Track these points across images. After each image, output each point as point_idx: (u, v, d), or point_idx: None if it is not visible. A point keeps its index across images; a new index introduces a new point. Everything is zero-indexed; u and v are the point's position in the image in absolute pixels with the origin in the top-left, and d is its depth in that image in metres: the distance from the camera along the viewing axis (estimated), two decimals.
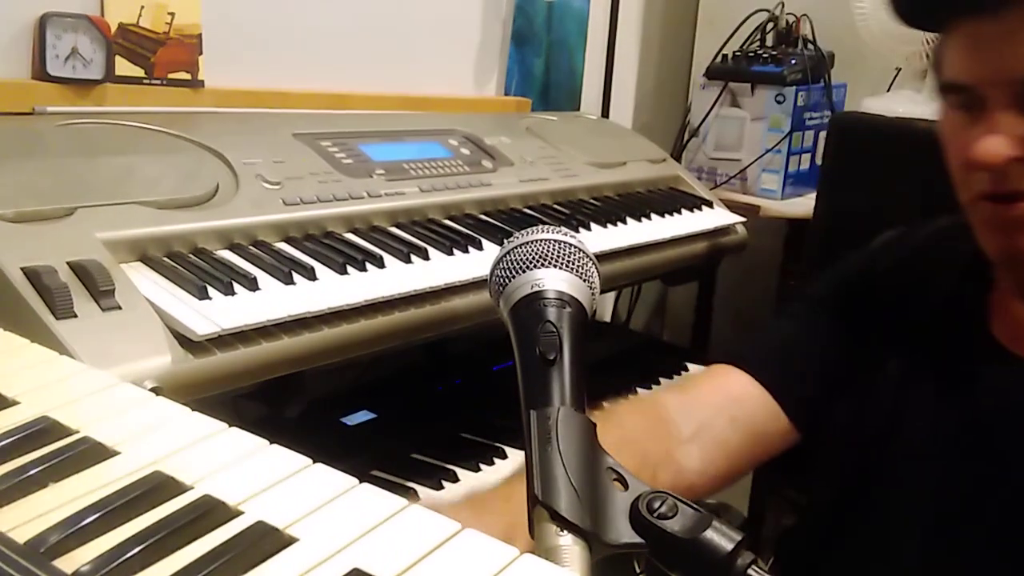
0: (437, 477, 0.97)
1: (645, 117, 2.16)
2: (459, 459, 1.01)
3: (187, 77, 1.22)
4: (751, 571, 0.49)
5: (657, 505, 0.50)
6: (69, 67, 1.09)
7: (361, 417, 1.12)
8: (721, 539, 0.49)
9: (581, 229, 1.22)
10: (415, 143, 1.24)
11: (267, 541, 0.38)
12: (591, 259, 0.68)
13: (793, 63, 1.81)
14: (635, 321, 2.15)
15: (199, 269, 0.83)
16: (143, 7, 1.17)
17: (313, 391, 0.88)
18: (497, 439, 1.06)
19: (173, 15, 1.19)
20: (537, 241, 0.67)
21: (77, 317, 0.71)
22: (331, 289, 0.87)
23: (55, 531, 0.37)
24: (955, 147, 0.78)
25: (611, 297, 2.05)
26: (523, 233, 0.68)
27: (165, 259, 0.84)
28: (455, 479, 0.98)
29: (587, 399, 0.58)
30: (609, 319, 2.08)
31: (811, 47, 1.86)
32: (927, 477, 0.84)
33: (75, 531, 0.37)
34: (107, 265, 0.76)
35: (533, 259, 0.66)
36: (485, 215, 1.18)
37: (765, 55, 1.84)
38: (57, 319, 0.70)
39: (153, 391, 0.51)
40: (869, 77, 1.82)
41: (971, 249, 0.82)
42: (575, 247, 0.67)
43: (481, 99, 1.75)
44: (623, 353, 1.48)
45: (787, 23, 1.90)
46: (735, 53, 1.88)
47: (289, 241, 0.96)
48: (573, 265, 0.66)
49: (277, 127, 1.14)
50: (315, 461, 0.44)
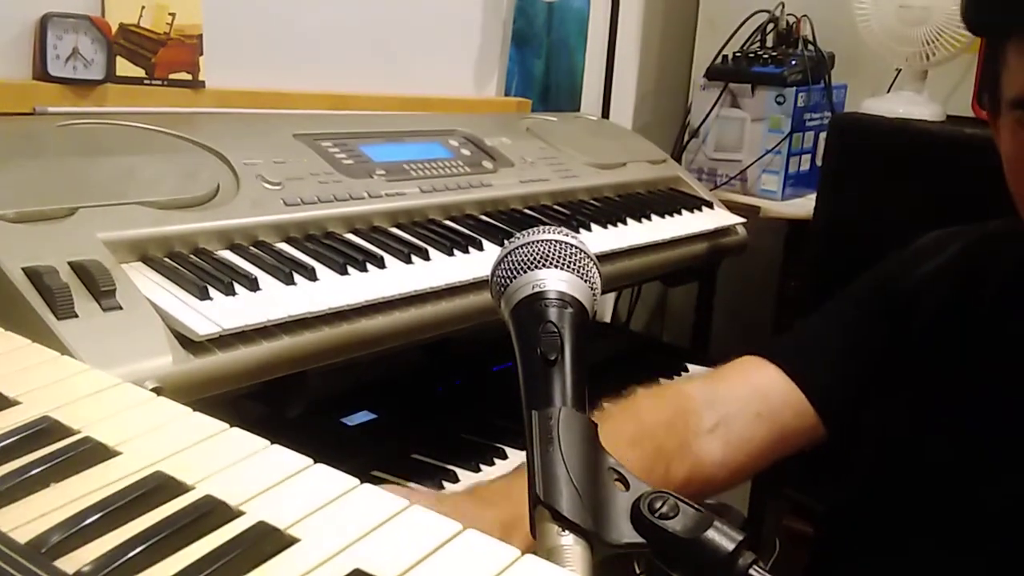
0: (437, 477, 0.97)
1: (645, 118, 2.16)
2: (459, 459, 1.01)
3: (188, 77, 1.22)
4: (752, 571, 0.49)
5: (658, 505, 0.50)
6: (70, 67, 1.10)
7: (361, 417, 1.12)
8: (722, 539, 0.49)
9: (581, 230, 1.22)
10: (415, 144, 1.24)
11: (268, 541, 0.38)
12: (592, 259, 0.68)
13: (793, 64, 1.81)
14: (635, 322, 2.15)
15: (200, 269, 0.83)
16: (144, 7, 1.17)
17: (314, 391, 0.88)
18: (497, 439, 1.06)
19: (174, 15, 1.19)
20: (538, 242, 0.67)
21: (78, 317, 0.71)
22: (332, 289, 0.87)
23: (57, 531, 0.37)
24: None
25: (611, 298, 2.05)
26: (524, 234, 0.68)
27: (166, 259, 0.84)
28: (455, 479, 0.98)
29: (588, 399, 0.58)
30: (609, 320, 2.08)
31: (811, 48, 1.86)
32: (993, 486, 0.82)
33: (77, 531, 0.37)
34: (108, 265, 0.76)
35: (534, 260, 0.66)
36: (486, 216, 1.18)
37: (765, 56, 1.84)
38: (58, 319, 0.70)
39: (154, 391, 0.51)
40: (869, 78, 1.82)
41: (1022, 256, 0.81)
42: (576, 247, 0.67)
43: (481, 100, 1.75)
44: (623, 354, 1.48)
45: (787, 24, 1.90)
46: (735, 54, 1.89)
47: (290, 241, 0.96)
48: (574, 266, 0.66)
49: (278, 128, 1.14)
50: (316, 461, 0.44)
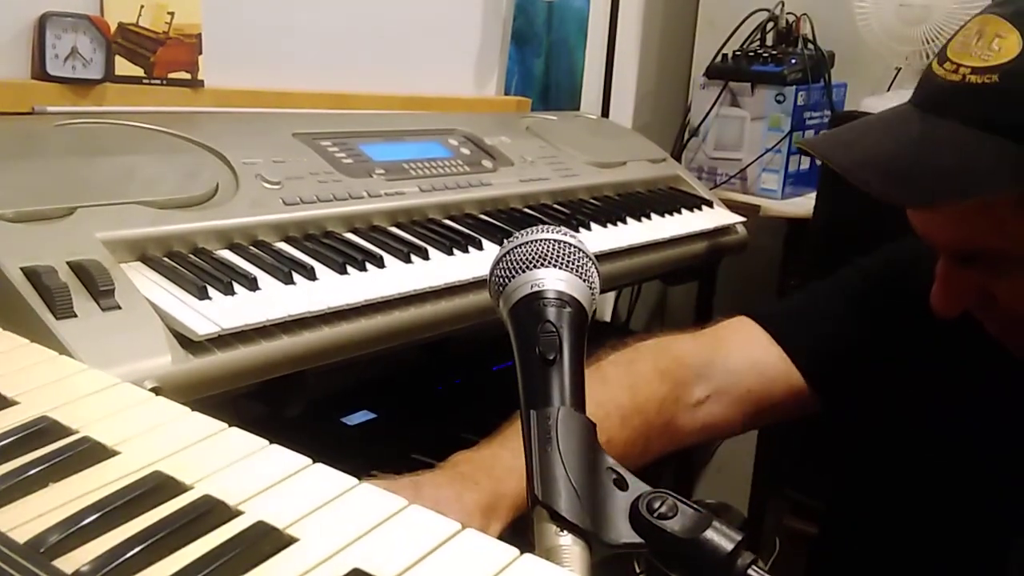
0: None
1: (645, 117, 2.16)
2: None
3: (187, 77, 1.22)
4: (751, 571, 0.49)
5: (657, 505, 0.50)
6: (69, 67, 1.09)
7: (361, 417, 1.12)
8: (721, 539, 0.49)
9: (581, 229, 1.22)
10: (415, 143, 1.24)
11: (267, 541, 0.38)
12: (591, 259, 0.68)
13: (793, 63, 1.80)
14: (635, 321, 2.15)
15: (199, 269, 0.83)
16: (143, 7, 1.17)
17: (313, 391, 0.88)
18: None
19: (173, 15, 1.19)
20: (537, 241, 0.67)
21: (77, 317, 0.71)
22: (331, 289, 0.87)
23: (55, 531, 0.37)
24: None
25: (611, 297, 2.05)
26: (523, 233, 0.68)
27: (165, 259, 0.84)
28: None
29: (587, 399, 0.58)
30: (609, 319, 2.08)
31: (811, 47, 1.86)
32: (957, 482, 0.84)
33: (75, 531, 0.37)
34: (107, 265, 0.76)
35: (533, 259, 0.66)
36: (485, 215, 1.18)
37: (765, 55, 1.83)
38: (57, 319, 0.70)
39: (153, 391, 0.51)
40: (869, 77, 1.82)
41: None
42: (575, 247, 0.67)
43: (481, 99, 1.75)
44: None
45: (787, 23, 1.90)
46: (735, 53, 1.88)
47: (289, 241, 0.96)
48: (573, 265, 0.66)
49: (277, 127, 1.14)
50: (315, 461, 0.44)
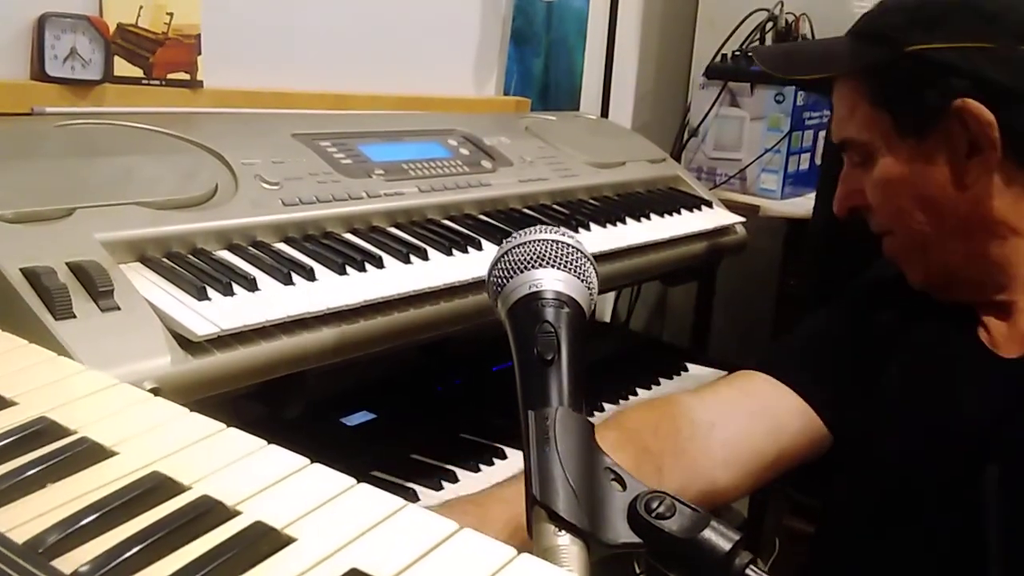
0: (437, 478, 0.97)
1: (644, 117, 2.16)
2: (459, 460, 1.01)
3: (186, 77, 1.22)
4: (749, 571, 0.49)
5: (655, 505, 0.50)
6: (68, 67, 1.09)
7: (361, 418, 1.12)
8: (719, 539, 0.49)
9: (580, 229, 1.22)
10: (414, 143, 1.24)
11: (265, 541, 0.38)
12: (589, 259, 0.68)
13: None
14: (635, 321, 2.15)
15: (198, 270, 0.83)
16: (142, 7, 1.17)
17: (313, 391, 0.88)
18: (497, 439, 1.06)
19: (172, 15, 1.19)
20: (535, 241, 0.67)
21: (76, 318, 0.71)
22: (330, 289, 0.87)
23: (54, 531, 0.37)
24: None
25: (611, 297, 2.05)
26: (521, 233, 0.69)
27: (164, 260, 0.84)
28: (455, 480, 0.98)
29: (586, 399, 0.58)
30: (609, 319, 2.08)
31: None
32: (918, 476, 0.87)
33: (74, 531, 0.37)
34: (106, 266, 0.76)
35: (531, 259, 0.66)
36: (484, 215, 1.18)
37: None
38: (56, 320, 0.70)
39: (152, 392, 0.51)
40: None
41: None
42: (573, 247, 0.67)
43: (480, 99, 1.75)
44: (623, 353, 1.48)
45: (786, 22, 1.90)
46: (734, 52, 1.88)
47: (288, 241, 0.96)
48: (571, 265, 0.66)
49: (276, 127, 1.14)
50: (315, 462, 0.44)
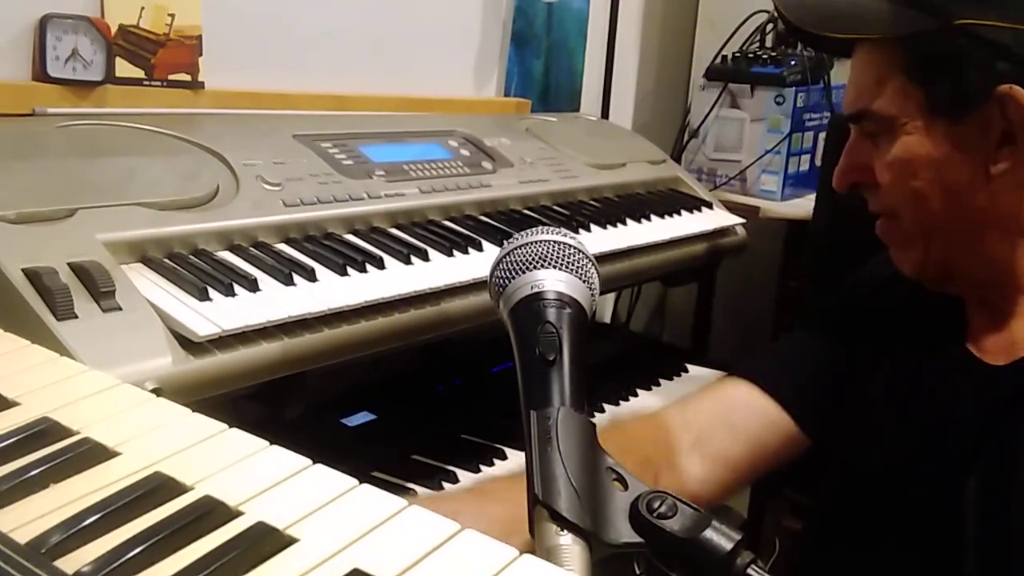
0: (437, 478, 0.97)
1: (645, 118, 2.16)
2: (459, 460, 1.01)
3: (187, 78, 1.22)
4: (750, 571, 0.49)
5: (657, 505, 0.50)
6: (69, 68, 1.10)
7: (361, 418, 1.12)
8: (720, 539, 0.49)
9: (581, 230, 1.22)
10: (415, 144, 1.24)
11: (267, 542, 0.38)
12: (590, 260, 0.68)
13: (792, 64, 1.81)
14: (635, 322, 2.15)
15: (199, 270, 0.83)
16: (143, 8, 1.17)
17: (313, 392, 0.88)
18: (497, 440, 1.06)
19: (173, 16, 1.19)
20: (537, 242, 0.67)
21: (78, 318, 0.71)
22: (331, 290, 0.87)
23: (56, 532, 0.37)
24: None
25: (611, 298, 2.05)
26: (523, 234, 0.69)
27: (166, 260, 0.84)
28: (455, 480, 0.98)
29: (587, 400, 0.58)
30: (609, 320, 2.08)
31: (810, 48, 1.86)
32: (901, 485, 0.86)
33: (76, 532, 0.37)
34: (108, 266, 0.76)
35: (533, 260, 0.66)
36: (485, 216, 1.18)
37: (765, 56, 1.84)
38: (58, 320, 0.70)
39: (154, 392, 0.51)
40: None
41: None
42: (575, 248, 0.67)
43: (481, 100, 1.75)
44: (623, 354, 1.48)
45: None
46: (735, 54, 1.89)
47: (289, 242, 0.96)
48: (573, 266, 0.66)
49: (277, 128, 1.14)
50: (316, 462, 0.44)
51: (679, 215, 1.42)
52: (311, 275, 0.88)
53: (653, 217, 1.36)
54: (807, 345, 1.01)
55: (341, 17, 1.45)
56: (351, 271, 0.91)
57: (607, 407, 1.22)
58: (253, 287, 0.82)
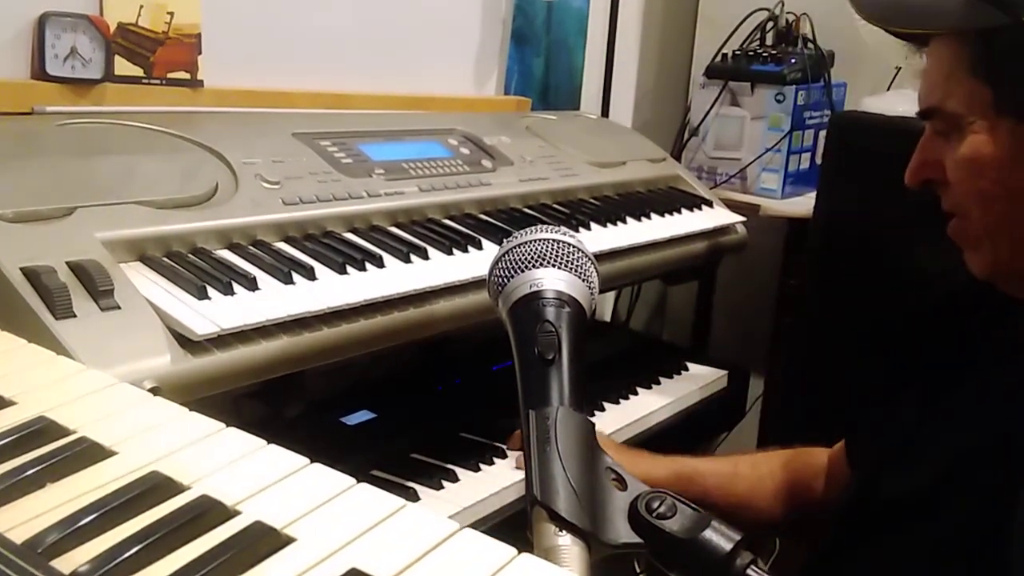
0: (437, 477, 0.97)
1: (645, 116, 2.16)
2: (459, 459, 1.01)
3: (186, 77, 1.22)
4: (750, 571, 0.49)
5: (656, 505, 0.50)
6: (68, 67, 1.09)
7: (361, 417, 1.12)
8: (720, 539, 0.49)
9: (581, 229, 1.22)
10: (415, 143, 1.24)
11: (265, 541, 0.38)
12: (590, 259, 0.68)
13: (793, 62, 1.80)
14: (635, 321, 2.15)
15: (198, 269, 0.83)
16: (142, 7, 1.17)
17: (313, 391, 0.88)
18: (497, 439, 1.06)
19: (172, 15, 1.19)
20: (536, 241, 0.67)
21: (76, 317, 0.71)
22: (330, 289, 0.87)
23: (53, 531, 0.37)
24: None
25: (611, 297, 2.05)
26: (522, 233, 0.69)
27: (164, 259, 0.84)
28: (455, 479, 0.98)
29: (587, 399, 0.58)
30: (609, 319, 2.08)
31: (811, 46, 1.86)
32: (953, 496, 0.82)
33: (73, 531, 0.37)
34: (106, 265, 0.76)
35: (532, 259, 0.66)
36: (485, 215, 1.18)
37: (765, 54, 1.83)
38: (56, 319, 0.70)
39: (152, 391, 0.51)
40: (869, 76, 1.82)
41: None
42: (574, 247, 0.67)
43: (481, 99, 1.75)
44: (623, 353, 1.48)
45: (787, 22, 1.90)
46: (735, 52, 1.88)
47: (288, 241, 0.96)
48: (572, 265, 0.66)
49: (276, 127, 1.14)
50: (315, 461, 0.44)
51: (679, 213, 1.42)
52: (310, 274, 0.88)
53: (653, 215, 1.36)
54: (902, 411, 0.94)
55: (341, 16, 1.45)
56: (350, 270, 0.91)
57: (607, 406, 1.22)
58: (252, 286, 0.82)
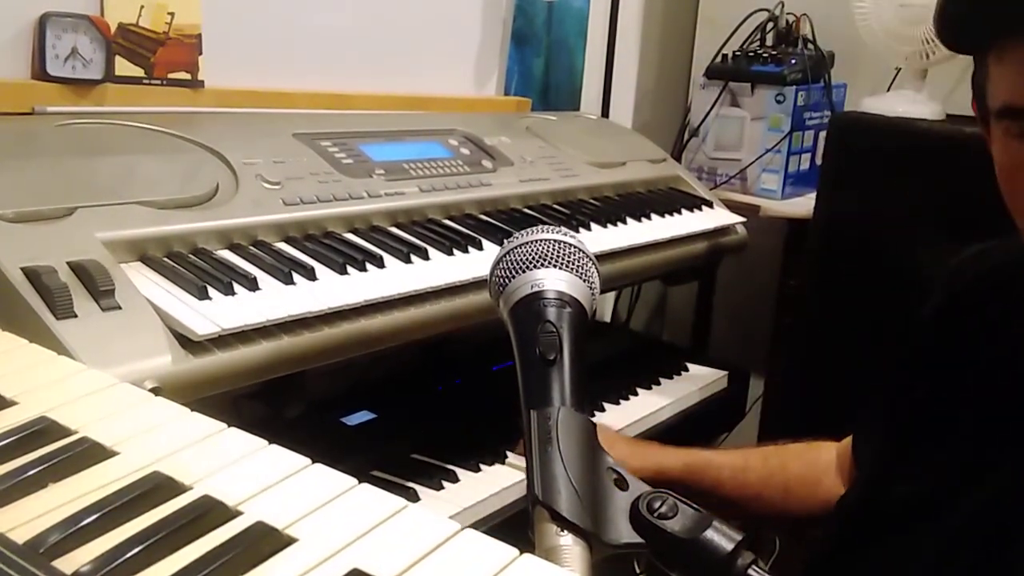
0: (437, 477, 0.97)
1: (645, 117, 2.16)
2: (459, 459, 1.01)
3: (187, 77, 1.22)
4: (751, 571, 0.49)
5: (657, 505, 0.50)
6: (69, 67, 1.09)
7: (361, 417, 1.12)
8: (721, 539, 0.49)
9: (581, 229, 1.22)
10: (415, 143, 1.24)
11: (266, 541, 0.38)
12: (591, 259, 0.68)
13: (793, 63, 1.80)
14: (635, 321, 2.15)
15: (199, 269, 0.83)
16: (143, 7, 1.17)
17: (313, 391, 0.88)
18: (497, 439, 1.06)
19: (173, 15, 1.19)
20: (537, 241, 0.67)
21: (77, 317, 0.71)
22: (331, 289, 0.87)
23: (54, 531, 0.37)
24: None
25: (611, 297, 2.05)
26: (523, 233, 0.68)
27: (165, 259, 0.84)
28: (455, 479, 0.98)
29: (588, 399, 0.58)
30: (609, 319, 2.08)
31: (811, 47, 1.86)
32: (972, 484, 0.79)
33: (74, 531, 0.37)
34: (107, 265, 0.76)
35: (533, 259, 0.66)
36: (485, 215, 1.18)
37: (765, 55, 1.83)
38: (57, 319, 0.70)
39: (153, 391, 0.51)
40: (869, 77, 1.82)
41: None
42: (575, 247, 0.67)
43: (481, 99, 1.75)
44: (623, 353, 1.48)
45: (787, 23, 1.90)
46: (735, 53, 1.88)
47: (289, 241, 0.96)
48: (573, 265, 0.66)
49: (277, 127, 1.14)
50: (316, 461, 0.44)
51: (679, 214, 1.42)
52: (311, 274, 0.88)
53: (653, 216, 1.36)
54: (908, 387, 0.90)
55: (341, 16, 1.45)
56: (351, 270, 0.91)
57: (607, 406, 1.22)
58: (253, 286, 0.82)
